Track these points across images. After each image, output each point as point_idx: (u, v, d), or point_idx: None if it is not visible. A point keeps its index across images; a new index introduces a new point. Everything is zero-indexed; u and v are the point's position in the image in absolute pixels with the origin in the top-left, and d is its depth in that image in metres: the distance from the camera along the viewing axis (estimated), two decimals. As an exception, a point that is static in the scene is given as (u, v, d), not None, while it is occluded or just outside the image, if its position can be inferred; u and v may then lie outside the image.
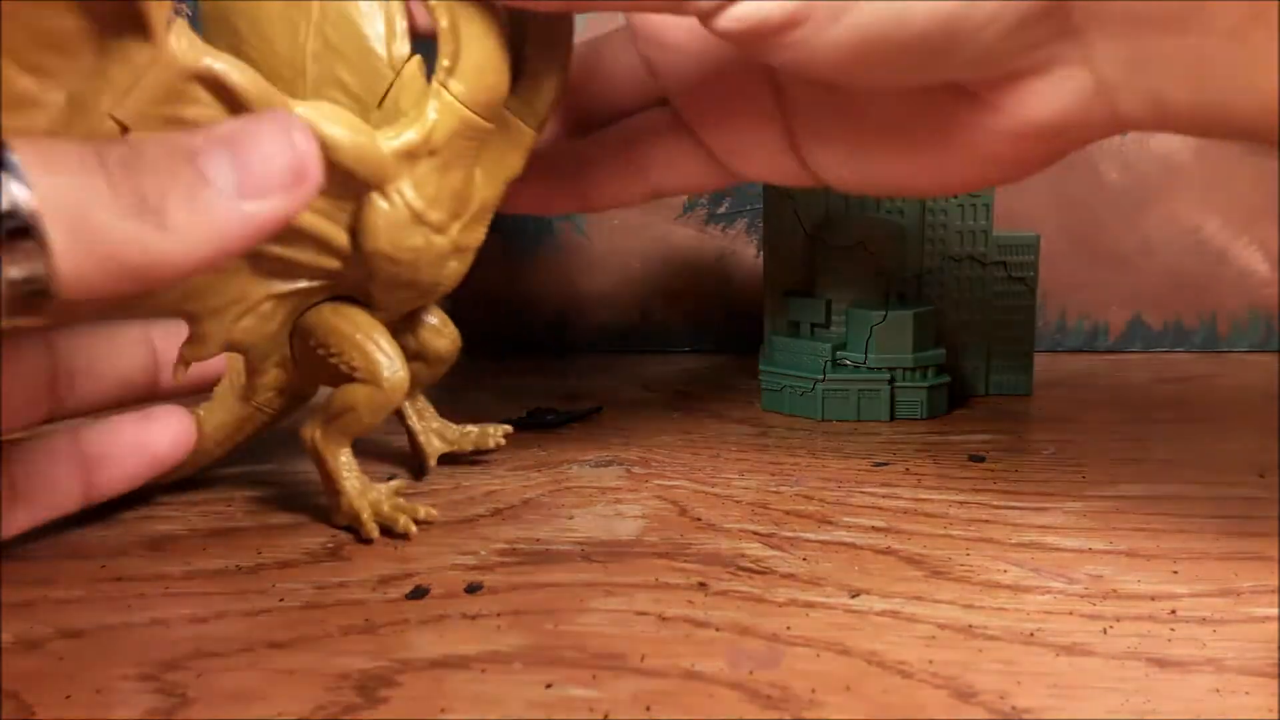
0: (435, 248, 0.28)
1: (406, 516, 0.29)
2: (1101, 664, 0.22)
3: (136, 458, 0.30)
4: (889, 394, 0.39)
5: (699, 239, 0.51)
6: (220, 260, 0.20)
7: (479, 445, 0.35)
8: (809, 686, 0.21)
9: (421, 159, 0.27)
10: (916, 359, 0.39)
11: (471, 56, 0.26)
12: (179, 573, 0.27)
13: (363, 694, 0.21)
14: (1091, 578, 0.26)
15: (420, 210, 0.27)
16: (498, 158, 0.28)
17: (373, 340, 0.29)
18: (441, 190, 0.27)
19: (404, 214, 0.27)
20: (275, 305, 0.29)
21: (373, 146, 0.25)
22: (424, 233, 0.27)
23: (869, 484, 0.33)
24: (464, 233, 0.28)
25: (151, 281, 0.19)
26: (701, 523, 0.30)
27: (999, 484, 0.32)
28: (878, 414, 0.39)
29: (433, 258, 0.28)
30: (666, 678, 0.22)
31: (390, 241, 0.27)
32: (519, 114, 0.28)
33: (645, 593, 0.26)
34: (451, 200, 0.27)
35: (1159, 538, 0.28)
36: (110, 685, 0.22)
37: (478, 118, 0.26)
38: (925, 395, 0.39)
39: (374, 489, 0.30)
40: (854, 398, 0.39)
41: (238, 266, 0.27)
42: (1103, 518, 0.30)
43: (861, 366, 0.39)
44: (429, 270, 0.28)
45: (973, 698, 0.21)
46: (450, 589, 0.26)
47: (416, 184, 0.27)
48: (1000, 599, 0.25)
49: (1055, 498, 0.31)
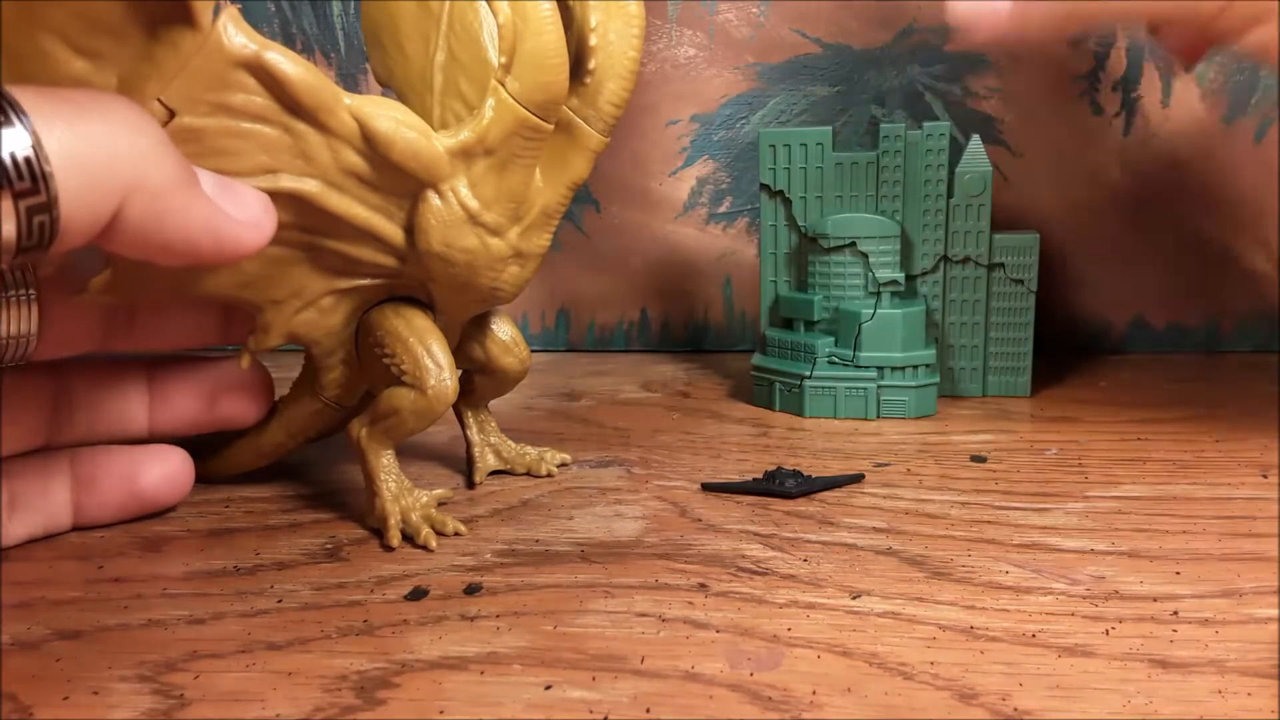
0: (492, 250, 0.27)
1: (429, 529, 0.29)
2: (1103, 665, 0.22)
3: (124, 490, 0.30)
4: (875, 393, 0.39)
5: (699, 239, 0.51)
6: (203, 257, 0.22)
7: (532, 469, 0.34)
8: (810, 688, 0.21)
9: (478, 158, 0.26)
10: (905, 358, 0.39)
11: (527, 53, 0.25)
12: (177, 574, 0.27)
13: (361, 695, 0.21)
14: (1093, 579, 0.26)
15: (475, 211, 0.27)
16: (560, 160, 0.27)
17: (425, 346, 0.29)
18: (499, 191, 0.27)
19: (458, 214, 0.26)
20: (336, 301, 0.29)
21: (425, 143, 0.25)
22: (479, 234, 0.27)
23: (870, 484, 0.33)
24: (524, 237, 0.28)
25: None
26: (701, 523, 0.30)
27: (1000, 484, 0.32)
28: (862, 412, 0.40)
29: (489, 261, 0.27)
30: (666, 679, 0.22)
31: (443, 241, 0.27)
32: (581, 115, 0.27)
33: (645, 594, 0.25)
34: (508, 202, 0.27)
35: (1161, 539, 0.28)
36: (108, 686, 0.22)
37: (534, 117, 0.26)
38: (913, 395, 0.39)
39: (410, 495, 0.29)
40: (839, 395, 0.40)
41: (296, 259, 0.27)
42: (1105, 518, 0.29)
43: (849, 364, 0.39)
44: (486, 274, 0.28)
45: (974, 699, 0.21)
46: (449, 590, 0.26)
47: (473, 184, 0.26)
48: (1002, 600, 0.25)
49: (1057, 498, 0.31)
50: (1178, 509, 0.30)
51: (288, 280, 0.28)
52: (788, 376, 0.40)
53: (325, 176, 0.25)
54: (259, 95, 0.23)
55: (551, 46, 0.25)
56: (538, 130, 0.26)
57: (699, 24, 0.49)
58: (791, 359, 0.41)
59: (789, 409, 0.41)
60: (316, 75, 0.24)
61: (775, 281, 0.42)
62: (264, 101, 0.23)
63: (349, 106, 0.25)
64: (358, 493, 0.33)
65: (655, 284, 0.52)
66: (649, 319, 0.53)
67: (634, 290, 0.52)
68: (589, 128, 0.26)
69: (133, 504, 0.30)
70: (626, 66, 0.26)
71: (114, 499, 0.30)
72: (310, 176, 0.25)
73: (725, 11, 0.49)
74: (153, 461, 0.30)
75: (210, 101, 0.23)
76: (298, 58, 0.23)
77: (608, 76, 0.25)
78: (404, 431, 0.29)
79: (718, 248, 0.52)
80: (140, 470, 0.30)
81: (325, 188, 0.26)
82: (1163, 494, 0.31)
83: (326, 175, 0.25)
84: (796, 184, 0.41)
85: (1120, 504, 0.31)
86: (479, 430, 0.34)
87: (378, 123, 0.25)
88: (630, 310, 0.52)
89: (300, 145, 0.25)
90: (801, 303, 0.41)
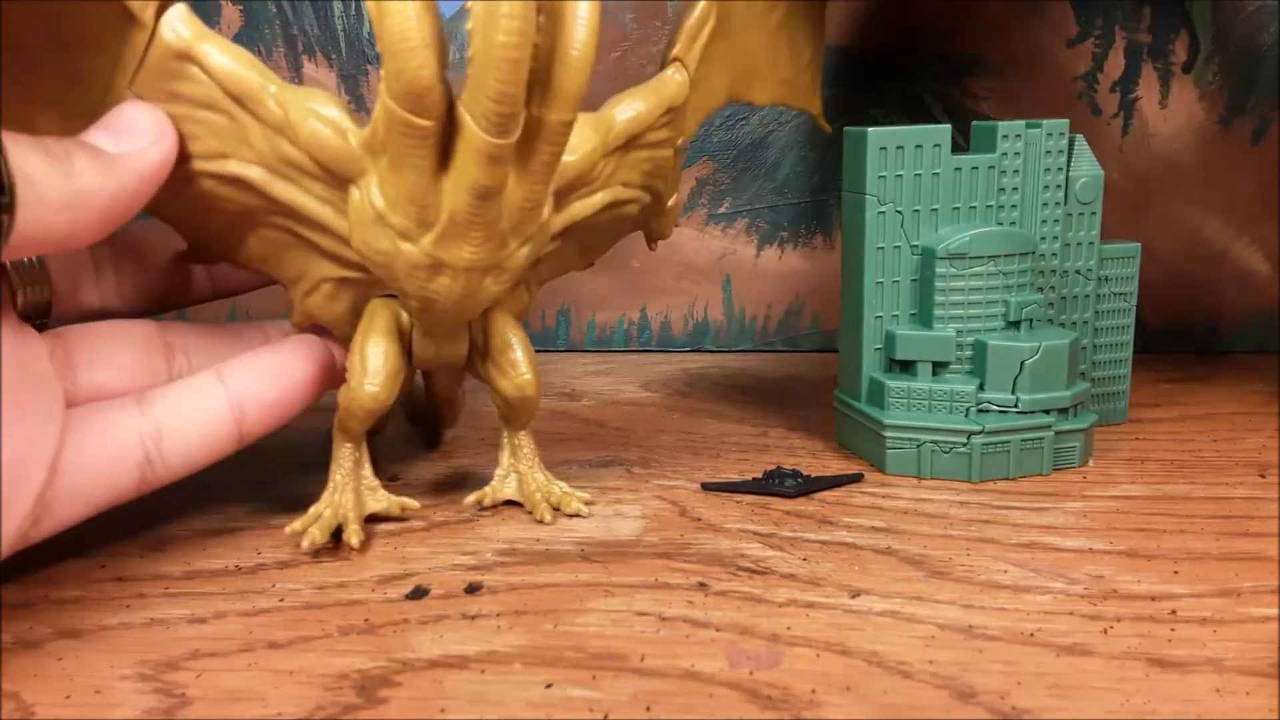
0: (405, 256, 0.26)
1: (356, 526, 0.28)
2: (1102, 664, 0.22)
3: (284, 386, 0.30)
4: (1050, 442, 0.33)
5: (699, 239, 0.51)
6: (131, 189, 0.25)
7: (561, 506, 0.31)
8: (809, 687, 0.21)
9: (381, 156, 0.25)
10: (1073, 396, 0.33)
11: (382, 41, 0.23)
12: (179, 573, 0.27)
13: (362, 694, 0.21)
14: (1092, 578, 0.26)
15: (382, 211, 0.25)
16: (460, 163, 0.24)
17: (363, 346, 0.28)
18: (398, 192, 0.25)
19: (369, 212, 0.26)
20: (335, 288, 0.29)
21: (329, 135, 0.25)
22: (389, 236, 0.26)
23: (869, 484, 0.33)
24: (440, 246, 0.25)
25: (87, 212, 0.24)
26: (701, 523, 0.30)
27: (999, 484, 0.32)
28: (1038, 467, 0.33)
29: (407, 267, 0.26)
30: (666, 678, 0.22)
31: (360, 239, 0.26)
32: (470, 111, 0.24)
33: (645, 593, 0.26)
34: (409, 204, 0.25)
35: (1159, 538, 0.28)
36: (110, 685, 0.22)
37: (401, 110, 0.23)
38: (1082, 439, 0.34)
39: (350, 493, 0.29)
40: (1013, 451, 0.33)
41: (288, 243, 0.29)
42: (1103, 518, 0.30)
43: (1010, 411, 0.33)
44: (409, 281, 0.26)
45: (973, 698, 0.21)
46: (450, 589, 0.26)
47: (380, 182, 0.25)
48: (1000, 599, 0.25)
49: (1055, 498, 0.31)
50: (1175, 508, 0.30)
51: (291, 262, 0.29)
52: (944, 435, 0.33)
53: (266, 164, 0.26)
54: (204, 84, 0.25)
55: (398, 30, 0.22)
56: (410, 126, 0.23)
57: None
58: (929, 411, 0.33)
59: (947, 474, 0.33)
60: (247, 65, 0.25)
61: (882, 317, 0.34)
62: (208, 90, 0.25)
63: (274, 95, 0.26)
64: (358, 492, 0.33)
65: (655, 284, 0.52)
66: (649, 319, 0.53)
67: (634, 290, 0.52)
68: (473, 126, 0.23)
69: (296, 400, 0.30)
70: (498, 54, 0.22)
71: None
72: (253, 163, 0.26)
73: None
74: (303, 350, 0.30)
75: (164, 90, 0.26)
76: (234, 48, 0.25)
77: (484, 66, 0.22)
78: (346, 426, 0.29)
79: (717, 248, 0.52)
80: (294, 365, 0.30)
81: (268, 175, 0.27)
82: (1161, 493, 0.31)
83: (266, 162, 0.26)
84: (909, 194, 0.33)
85: (1118, 503, 0.31)
86: (511, 454, 0.32)
87: (291, 113, 0.25)
88: (630, 310, 0.53)
89: (242, 132, 0.26)
90: (930, 341, 0.33)
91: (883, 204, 0.33)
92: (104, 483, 0.26)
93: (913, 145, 0.33)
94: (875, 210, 0.33)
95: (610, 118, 0.29)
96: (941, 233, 0.33)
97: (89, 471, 0.26)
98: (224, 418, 0.28)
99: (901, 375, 0.34)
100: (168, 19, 0.25)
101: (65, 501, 0.25)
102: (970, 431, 0.32)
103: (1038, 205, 0.35)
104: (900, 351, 0.34)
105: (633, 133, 0.30)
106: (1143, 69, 0.48)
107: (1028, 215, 0.34)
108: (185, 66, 0.25)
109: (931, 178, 0.33)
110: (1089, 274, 0.36)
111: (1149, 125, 0.49)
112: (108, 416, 0.27)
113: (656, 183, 0.32)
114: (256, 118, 0.26)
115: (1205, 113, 0.48)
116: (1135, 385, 0.41)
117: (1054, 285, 0.36)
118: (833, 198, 0.51)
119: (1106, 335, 0.38)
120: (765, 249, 0.52)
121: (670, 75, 0.31)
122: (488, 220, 0.25)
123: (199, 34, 0.25)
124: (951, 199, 0.34)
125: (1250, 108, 0.48)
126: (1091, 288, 0.36)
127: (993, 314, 0.33)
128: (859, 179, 0.34)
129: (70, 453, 0.25)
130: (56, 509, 0.25)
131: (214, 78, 0.25)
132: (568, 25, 0.23)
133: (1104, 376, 0.38)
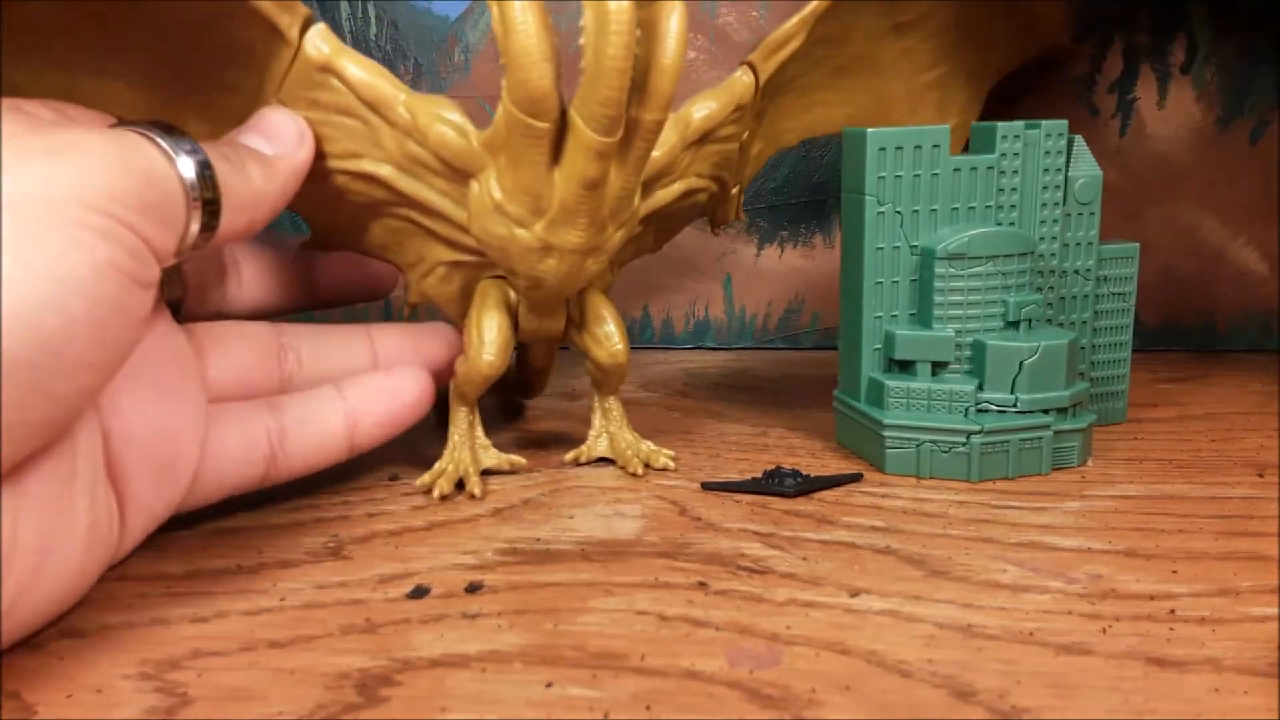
0: (520, 240, 0.29)
1: (476, 479, 0.32)
2: (1100, 663, 0.22)
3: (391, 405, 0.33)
4: (1050, 442, 0.33)
5: (699, 239, 0.51)
6: (285, 190, 0.29)
7: (650, 461, 0.35)
8: (809, 686, 0.21)
9: (499, 153, 0.28)
10: (1071, 396, 0.33)
11: (507, 53, 0.26)
12: (180, 572, 0.27)
13: (363, 693, 0.21)
14: (1090, 577, 0.26)
15: (500, 201, 0.29)
16: (570, 159, 0.27)
17: (480, 320, 0.32)
18: (515, 185, 0.28)
19: (488, 203, 0.29)
20: (448, 271, 0.33)
21: (454, 137, 0.29)
22: (505, 223, 0.29)
23: (868, 483, 0.33)
24: (551, 231, 0.28)
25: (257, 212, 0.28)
26: (701, 522, 0.30)
27: (998, 483, 0.32)
28: (1037, 467, 0.33)
29: (520, 250, 0.29)
30: (666, 677, 0.22)
31: (480, 227, 0.30)
32: (581, 114, 0.26)
33: (645, 592, 0.26)
34: (524, 195, 0.28)
35: (1158, 537, 0.28)
36: (111, 684, 0.22)
37: (521, 115, 0.26)
38: (1080, 439, 0.34)
39: (467, 450, 0.33)
40: (1012, 450, 0.33)
41: (409, 231, 0.32)
42: (1102, 517, 0.30)
43: (1009, 411, 0.33)
44: (522, 262, 0.30)
45: (972, 697, 0.21)
46: (450, 588, 0.26)
47: (499, 176, 0.28)
48: (999, 598, 0.25)
49: (1054, 497, 0.31)
50: (1174, 508, 0.30)
51: (411, 248, 0.33)
52: (944, 434, 0.33)
53: (395, 162, 0.30)
54: (341, 93, 0.29)
55: (520, 45, 0.25)
56: (529, 128, 0.27)
57: (699, 27, 0.50)
58: (929, 410, 0.33)
59: (946, 474, 0.33)
60: (378, 77, 0.29)
61: (882, 317, 0.35)
62: (345, 98, 0.29)
63: (404, 102, 0.29)
64: (360, 491, 0.33)
65: (655, 282, 0.52)
66: (649, 317, 0.53)
67: (634, 289, 0.52)
68: (584, 127, 0.26)
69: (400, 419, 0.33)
70: (607, 65, 0.25)
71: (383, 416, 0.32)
72: (384, 162, 0.30)
73: (725, 14, 0.49)
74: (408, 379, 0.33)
75: (306, 98, 0.29)
76: (368, 62, 0.29)
77: (595, 75, 0.25)
78: (463, 392, 0.33)
79: (718, 247, 0.52)
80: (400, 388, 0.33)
81: (396, 172, 0.30)
82: (1159, 493, 0.31)
83: (396, 161, 0.30)
84: (908, 195, 0.34)
85: (1117, 503, 0.31)
86: (603, 417, 0.35)
87: (419, 118, 0.29)
88: (631, 309, 0.53)
89: (375, 135, 0.30)
90: (930, 341, 0.34)
91: (882, 204, 0.33)
92: (236, 470, 0.29)
93: (912, 146, 0.33)
94: (875, 210, 0.34)
95: (688, 116, 0.33)
96: (940, 233, 0.34)
97: (226, 459, 0.29)
98: (340, 428, 0.31)
99: (901, 375, 0.34)
100: (310, 37, 0.29)
101: (205, 482, 0.28)
102: (969, 431, 0.32)
103: (1037, 206, 0.35)
104: (899, 351, 0.34)
105: (707, 129, 0.33)
106: (1141, 70, 0.48)
107: (1027, 216, 0.35)
108: (326, 78, 0.29)
109: (931, 178, 0.33)
110: (1088, 274, 0.36)
111: (1147, 126, 0.49)
112: (244, 413, 0.30)
113: (724, 173, 0.35)
114: (388, 122, 0.29)
115: (1203, 113, 0.49)
116: (1134, 385, 0.41)
117: (1053, 285, 0.36)
118: (833, 198, 0.51)
119: (1105, 335, 0.38)
120: (765, 248, 0.52)
121: (738, 77, 0.33)
122: (592, 208, 0.28)
123: (337, 50, 0.29)
124: (951, 199, 0.34)
125: (1248, 109, 0.48)
126: (1090, 288, 0.36)
127: (992, 314, 0.33)
128: (858, 179, 0.34)
129: (214, 441, 0.28)
130: (198, 489, 0.28)
131: (351, 88, 0.29)
132: (661, 39, 0.26)
133: (1103, 376, 0.38)
